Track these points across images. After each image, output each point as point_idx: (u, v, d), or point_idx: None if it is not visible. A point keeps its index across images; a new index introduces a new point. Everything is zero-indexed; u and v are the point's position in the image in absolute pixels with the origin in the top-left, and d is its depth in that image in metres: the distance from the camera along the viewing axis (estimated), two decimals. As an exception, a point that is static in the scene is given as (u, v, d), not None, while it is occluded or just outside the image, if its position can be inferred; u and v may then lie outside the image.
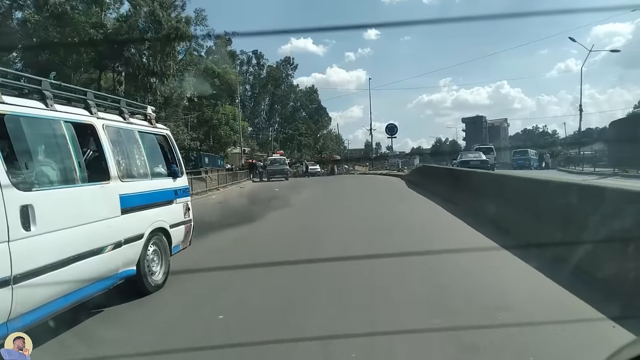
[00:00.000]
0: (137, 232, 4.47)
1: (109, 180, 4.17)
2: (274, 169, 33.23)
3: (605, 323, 3.39)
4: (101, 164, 4.21)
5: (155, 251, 4.89)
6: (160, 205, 5.01)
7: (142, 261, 4.54)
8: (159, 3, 28.50)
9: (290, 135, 68.33)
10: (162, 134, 5.62)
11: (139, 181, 4.74)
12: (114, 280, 4.18)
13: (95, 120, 4.28)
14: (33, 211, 3.16)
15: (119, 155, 4.55)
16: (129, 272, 4.39)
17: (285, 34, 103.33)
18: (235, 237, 8.54)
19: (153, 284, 4.72)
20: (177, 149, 5.74)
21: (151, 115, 5.41)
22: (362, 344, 3.34)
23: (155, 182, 5.05)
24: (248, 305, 4.43)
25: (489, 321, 3.66)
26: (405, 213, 11.03)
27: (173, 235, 5.17)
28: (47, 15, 25.72)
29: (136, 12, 28.29)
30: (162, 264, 4.98)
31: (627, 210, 4.35)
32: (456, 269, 5.33)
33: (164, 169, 5.39)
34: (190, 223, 5.71)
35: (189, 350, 3.32)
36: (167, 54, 29.04)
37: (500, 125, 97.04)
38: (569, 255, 5.17)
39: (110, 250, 4.04)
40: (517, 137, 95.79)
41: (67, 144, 3.81)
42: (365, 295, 4.55)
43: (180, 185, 5.56)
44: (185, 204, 5.62)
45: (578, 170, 26.02)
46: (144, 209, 4.63)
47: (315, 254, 6.66)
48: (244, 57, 62.84)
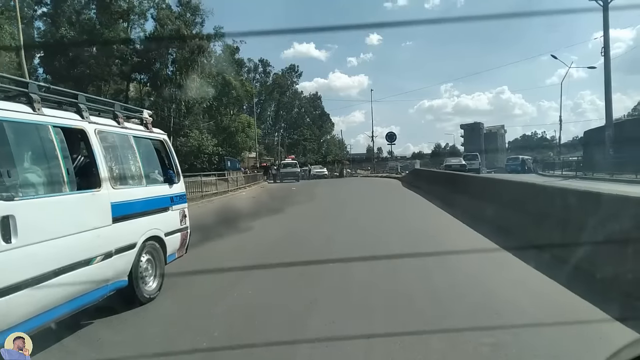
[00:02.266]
0: (130, 242, 4.20)
1: (100, 187, 3.93)
2: (287, 171, 36.44)
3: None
4: (92, 171, 3.96)
5: (149, 260, 4.61)
6: (155, 212, 4.74)
7: (134, 271, 4.28)
8: (182, 22, 32.03)
9: (296, 140, 70.03)
10: (159, 139, 5.38)
11: (133, 188, 4.48)
12: (104, 292, 3.95)
13: (87, 125, 4.06)
14: (15, 222, 2.91)
15: (112, 162, 4.33)
16: (120, 283, 4.14)
17: (287, 34, 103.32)
18: (279, 220, 11.81)
19: (146, 295, 4.44)
20: (174, 155, 5.50)
21: (147, 120, 5.19)
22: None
23: (151, 188, 4.78)
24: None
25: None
26: (394, 199, 16.99)
27: (168, 244, 4.90)
28: (80, 31, 28.57)
29: (163, 30, 31.75)
30: (156, 273, 4.74)
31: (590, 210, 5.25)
32: (430, 239, 8.03)
33: (160, 175, 5.14)
34: (186, 230, 5.43)
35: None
36: (191, 68, 31.86)
37: (497, 132, 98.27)
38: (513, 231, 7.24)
39: (100, 261, 3.81)
40: (516, 143, 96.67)
41: (55, 150, 3.59)
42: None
43: (177, 192, 5.34)
44: (181, 211, 5.37)
45: (550, 173, 30.53)
46: (137, 217, 4.36)
47: (338, 223, 10.31)
48: (251, 64, 64.83)
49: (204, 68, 33.98)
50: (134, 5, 32.15)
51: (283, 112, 71.03)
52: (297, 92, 73.17)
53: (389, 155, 51.22)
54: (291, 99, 71.50)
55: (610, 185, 16.85)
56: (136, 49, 32.24)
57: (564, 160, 34.53)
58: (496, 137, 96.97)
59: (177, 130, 33.27)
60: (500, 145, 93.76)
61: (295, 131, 71.42)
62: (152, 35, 32.59)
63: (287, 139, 70.43)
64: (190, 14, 34.45)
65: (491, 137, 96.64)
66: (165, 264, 4.88)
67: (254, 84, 61.74)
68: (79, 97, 4.14)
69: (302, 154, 66.46)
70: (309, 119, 74.58)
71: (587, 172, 25.06)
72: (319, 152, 71.53)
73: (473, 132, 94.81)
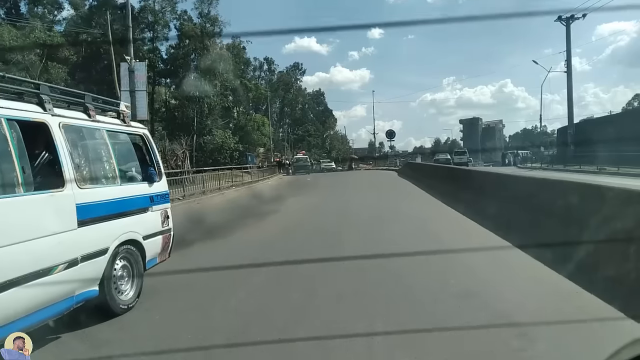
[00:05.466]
0: (100, 247, 3.70)
1: (63, 187, 3.48)
2: (299, 165, 40.95)
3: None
4: (55, 169, 3.49)
5: (125, 267, 4.12)
6: (132, 214, 4.21)
7: (106, 279, 3.86)
8: (205, 34, 36.39)
9: (301, 136, 70.60)
10: (138, 133, 4.85)
11: (104, 187, 3.96)
12: (69, 304, 3.48)
13: (50, 118, 3.58)
14: (-50, 229, 2.56)
15: (81, 158, 3.87)
16: (89, 293, 3.67)
17: (289, 34, 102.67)
18: (309, 195, 17.23)
19: (122, 305, 3.92)
20: (155, 151, 4.98)
21: (125, 113, 4.75)
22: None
23: (126, 187, 4.26)
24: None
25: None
26: (389, 184, 22.17)
27: (147, 248, 4.37)
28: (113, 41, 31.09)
29: (188, 44, 36.19)
30: (134, 280, 4.29)
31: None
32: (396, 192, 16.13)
33: (138, 173, 4.63)
34: (169, 232, 4.86)
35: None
36: (213, 74, 35.69)
37: (495, 126, 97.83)
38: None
39: (62, 271, 3.33)
40: (517, 137, 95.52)
41: (8, 146, 3.12)
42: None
43: (158, 191, 4.86)
44: (163, 212, 4.85)
45: (524, 166, 35.24)
46: (109, 219, 3.84)
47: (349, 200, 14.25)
48: (257, 63, 65.22)
49: (221, 74, 37.22)
50: (159, 18, 36.15)
51: (287, 108, 71.14)
52: (301, 89, 73.45)
53: (390, 150, 54.58)
54: (295, 95, 71.68)
55: (553, 173, 21.25)
56: (162, 57, 37.25)
57: (540, 155, 40.51)
58: (494, 132, 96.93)
59: (200, 130, 36.79)
60: (498, 139, 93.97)
61: (299, 127, 71.80)
62: (177, 46, 36.84)
63: (292, 135, 70.66)
64: (210, 24, 38.29)
65: (490, 131, 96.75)
66: (144, 270, 4.47)
67: (259, 82, 62.65)
68: (40, 87, 3.68)
69: (307, 149, 66.57)
70: (312, 115, 74.75)
71: (553, 165, 30.33)
72: (324, 147, 72.03)
73: (472, 126, 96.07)
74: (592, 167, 22.17)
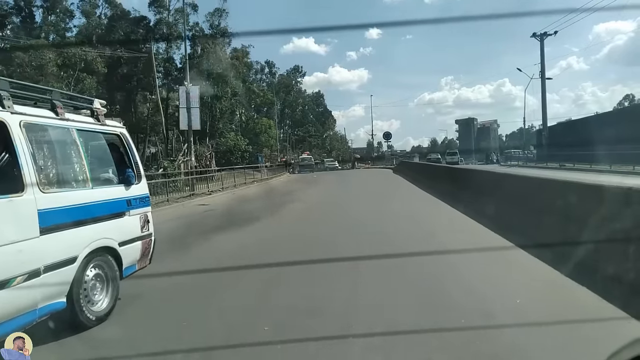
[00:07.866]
0: (67, 256, 3.34)
1: (23, 192, 3.16)
2: (304, 164, 44.48)
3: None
4: (13, 172, 3.18)
5: (98, 275, 3.82)
6: (105, 219, 3.86)
7: (75, 290, 3.54)
8: (217, 45, 39.30)
9: (301, 137, 71.24)
10: (115, 132, 4.48)
11: (73, 191, 3.60)
12: (31, 318, 3.12)
13: (9, 116, 3.21)
14: None
15: (45, 160, 3.59)
16: (55, 305, 3.30)
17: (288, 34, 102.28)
18: (318, 188, 21.42)
19: (92, 317, 3.56)
20: (134, 151, 4.59)
21: (99, 111, 4.44)
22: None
23: (99, 191, 3.89)
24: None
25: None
26: (384, 179, 26.12)
27: (124, 255, 4.01)
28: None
29: (203, 54, 38.80)
30: (109, 290, 3.96)
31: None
32: (388, 183, 22.03)
33: (114, 175, 4.31)
34: (150, 238, 4.48)
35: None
36: (225, 82, 38.93)
37: (490, 126, 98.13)
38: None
39: (21, 282, 3.03)
40: (513, 136, 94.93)
41: None
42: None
43: (137, 194, 4.51)
44: (143, 216, 4.49)
45: (505, 163, 38.91)
46: (78, 225, 3.48)
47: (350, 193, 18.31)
48: (258, 66, 66.21)
49: (231, 80, 39.86)
50: (173, 30, 38.20)
51: (288, 110, 71.62)
52: (301, 90, 74.00)
53: (388, 150, 57.39)
54: (295, 97, 72.20)
55: (521, 170, 24.77)
56: (176, 66, 39.64)
57: (521, 154, 43.98)
58: (489, 132, 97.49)
59: (212, 133, 39.42)
60: (493, 139, 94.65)
61: (300, 128, 72.36)
62: (190, 56, 37.91)
63: (293, 136, 71.13)
64: (220, 35, 40.97)
65: (484, 131, 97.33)
66: (121, 278, 4.17)
67: (261, 85, 63.73)
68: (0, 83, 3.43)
69: (308, 149, 67.00)
70: (312, 116, 75.21)
71: (527, 163, 35.25)
72: (324, 147, 72.58)
73: (467, 127, 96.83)
74: (555, 164, 27.10)
